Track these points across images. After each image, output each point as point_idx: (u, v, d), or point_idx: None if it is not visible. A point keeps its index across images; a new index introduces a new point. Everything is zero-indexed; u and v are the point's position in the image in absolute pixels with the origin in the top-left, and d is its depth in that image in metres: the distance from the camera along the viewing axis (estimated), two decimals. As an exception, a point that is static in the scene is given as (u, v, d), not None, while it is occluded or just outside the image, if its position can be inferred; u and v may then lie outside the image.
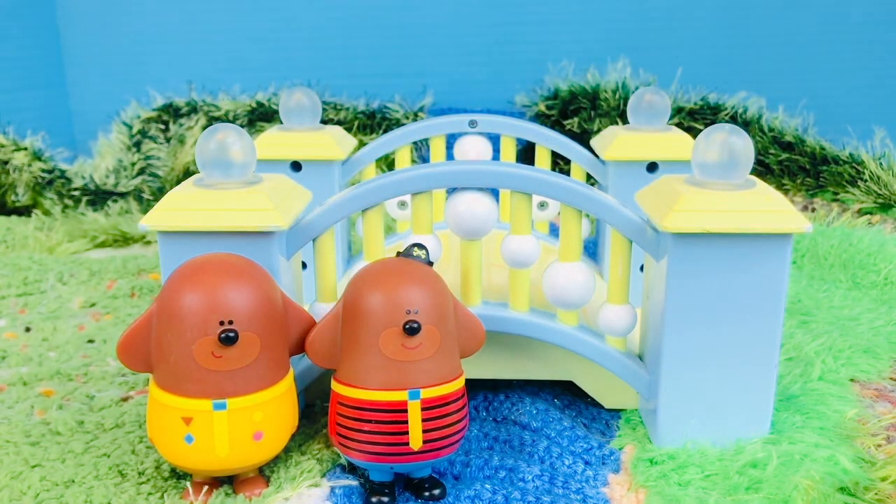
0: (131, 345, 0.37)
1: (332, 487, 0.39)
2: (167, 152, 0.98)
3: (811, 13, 1.06)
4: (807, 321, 0.60)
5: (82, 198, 0.93)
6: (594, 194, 0.43)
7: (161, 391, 0.37)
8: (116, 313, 0.64)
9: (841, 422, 0.45)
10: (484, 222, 0.43)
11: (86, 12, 1.07)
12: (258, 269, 0.38)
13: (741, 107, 0.98)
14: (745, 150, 0.41)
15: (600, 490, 0.40)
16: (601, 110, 0.97)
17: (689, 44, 1.06)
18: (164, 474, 0.41)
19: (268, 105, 1.00)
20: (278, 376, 0.38)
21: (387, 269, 0.38)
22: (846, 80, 1.08)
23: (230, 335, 0.36)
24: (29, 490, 0.39)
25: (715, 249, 0.40)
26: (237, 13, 1.07)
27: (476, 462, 0.42)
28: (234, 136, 0.41)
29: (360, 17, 1.05)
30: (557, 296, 0.44)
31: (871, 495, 0.38)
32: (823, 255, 0.72)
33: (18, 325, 0.61)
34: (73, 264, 0.73)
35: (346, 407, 0.38)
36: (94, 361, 0.55)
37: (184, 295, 0.36)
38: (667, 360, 0.42)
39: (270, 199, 0.40)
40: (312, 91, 0.60)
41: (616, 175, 0.58)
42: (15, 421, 0.46)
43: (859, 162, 0.93)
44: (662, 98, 0.58)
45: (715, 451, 0.42)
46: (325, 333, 0.39)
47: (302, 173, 0.58)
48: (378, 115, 1.01)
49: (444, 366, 0.38)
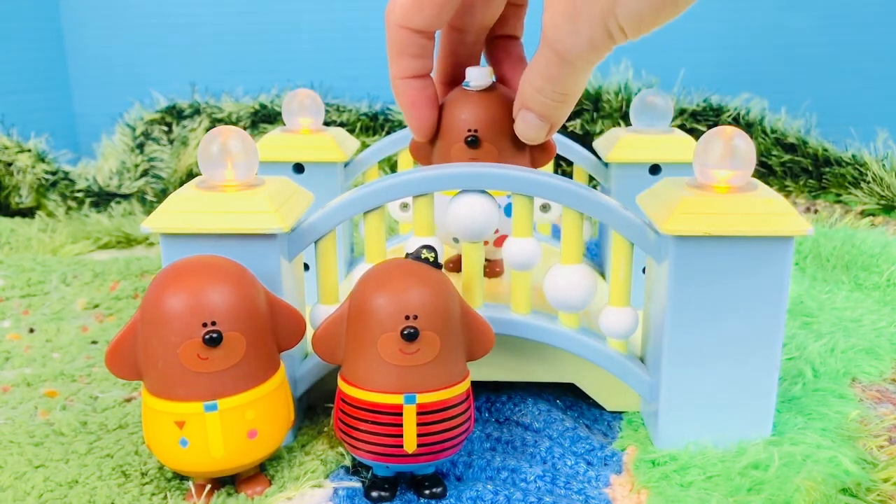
0: (119, 354, 0.37)
1: (336, 488, 0.40)
2: (170, 154, 0.98)
3: (814, 15, 1.06)
4: (809, 322, 0.60)
5: (86, 199, 0.93)
6: (595, 197, 0.43)
7: (152, 397, 0.37)
8: (120, 315, 0.64)
9: (843, 423, 0.45)
10: (485, 224, 0.43)
11: (89, 14, 1.07)
12: (238, 268, 0.38)
13: (744, 108, 0.98)
14: (747, 154, 0.41)
15: (602, 491, 0.40)
16: (603, 112, 0.97)
17: (691, 45, 1.06)
18: (167, 475, 0.41)
19: (270, 107, 1.00)
20: (268, 373, 0.38)
21: (391, 272, 0.38)
22: (849, 81, 1.08)
23: (214, 336, 0.36)
24: (33, 490, 0.39)
25: (716, 252, 0.40)
26: (240, 15, 1.07)
27: (478, 463, 0.42)
28: (236, 138, 0.41)
29: (362, 19, 1.06)
30: (559, 298, 0.44)
31: (873, 496, 0.38)
32: (826, 256, 0.72)
33: (22, 326, 0.61)
34: (77, 266, 0.73)
35: (348, 404, 0.38)
36: (97, 362, 0.55)
37: (165, 300, 0.36)
38: (668, 363, 0.42)
39: (272, 201, 0.41)
40: (315, 93, 0.60)
41: (618, 177, 0.58)
42: (19, 421, 0.46)
43: (862, 163, 0.93)
44: (665, 100, 0.59)
45: (717, 452, 0.42)
46: (332, 330, 0.39)
47: (304, 175, 0.58)
48: (381, 116, 1.01)
49: (443, 371, 0.38)
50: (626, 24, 0.36)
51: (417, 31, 0.43)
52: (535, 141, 0.45)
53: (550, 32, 0.38)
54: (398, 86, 0.45)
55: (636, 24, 0.36)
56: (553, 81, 0.40)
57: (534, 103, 0.42)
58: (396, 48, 0.44)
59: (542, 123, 0.43)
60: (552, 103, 0.42)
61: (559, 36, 0.38)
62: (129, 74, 1.08)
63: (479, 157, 0.45)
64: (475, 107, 0.46)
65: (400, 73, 0.44)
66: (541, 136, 0.44)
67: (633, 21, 0.35)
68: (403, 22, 0.42)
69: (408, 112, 0.46)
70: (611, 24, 0.36)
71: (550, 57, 0.39)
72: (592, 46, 0.37)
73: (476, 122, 0.45)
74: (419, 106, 0.45)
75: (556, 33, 0.38)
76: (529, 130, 0.44)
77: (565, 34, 0.38)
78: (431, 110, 0.46)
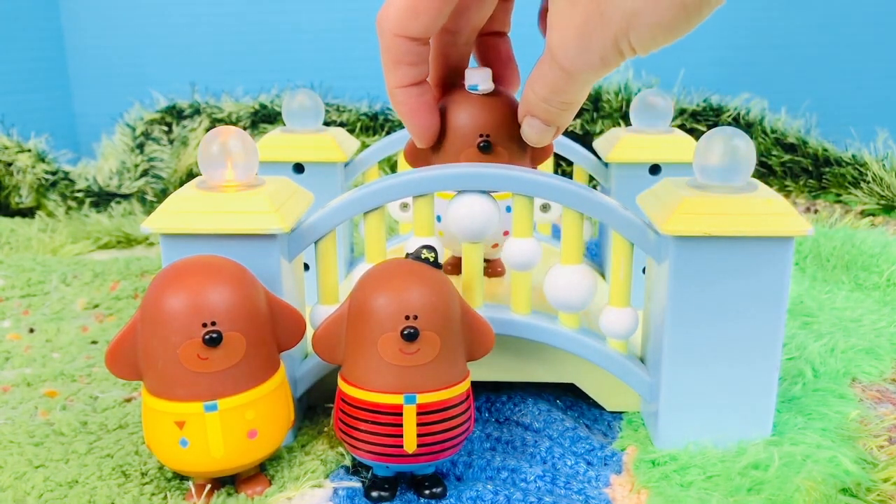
0: (119, 354, 0.37)
1: (336, 488, 0.40)
2: (170, 154, 0.98)
3: (814, 14, 1.06)
4: (809, 322, 0.60)
5: (86, 199, 0.93)
6: (595, 197, 0.43)
7: (152, 397, 0.37)
8: (120, 315, 0.64)
9: (843, 423, 0.45)
10: (484, 224, 0.43)
11: (89, 15, 1.07)
12: (238, 268, 0.38)
13: (744, 108, 0.98)
14: (747, 154, 0.41)
15: (602, 491, 0.40)
16: (603, 112, 0.97)
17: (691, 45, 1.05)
18: (167, 475, 0.41)
19: (271, 107, 1.00)
20: (268, 373, 0.38)
21: (391, 272, 0.38)
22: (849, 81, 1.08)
23: (214, 336, 0.36)
24: (33, 490, 0.39)
25: (716, 252, 0.40)
26: (240, 15, 1.07)
27: (478, 463, 0.42)
28: (236, 138, 0.41)
29: (362, 19, 1.06)
30: (559, 298, 0.44)
31: (873, 496, 0.38)
32: (826, 256, 0.72)
33: (22, 326, 0.61)
34: (77, 266, 0.73)
35: (348, 404, 0.38)
36: (97, 362, 0.55)
37: (165, 300, 0.36)
38: (668, 363, 0.42)
39: (272, 201, 0.41)
40: (315, 93, 0.60)
41: (619, 177, 0.58)
42: (19, 421, 0.46)
43: (862, 163, 0.93)
44: (665, 100, 0.59)
45: (717, 452, 0.42)
46: (332, 330, 0.39)
47: (304, 175, 0.58)
48: (381, 116, 1.01)
49: (443, 371, 0.38)
50: (639, 43, 0.36)
51: (413, 38, 0.42)
52: (542, 144, 0.45)
53: (560, 52, 0.38)
54: (396, 95, 0.44)
55: (648, 44, 0.36)
56: (559, 93, 0.41)
57: (539, 111, 0.42)
58: (392, 57, 0.42)
59: (549, 128, 0.43)
60: (557, 111, 0.42)
61: (569, 55, 0.38)
62: (129, 74, 1.08)
63: (492, 162, 0.45)
64: (486, 111, 0.45)
65: (397, 83, 0.43)
66: (547, 139, 0.44)
67: (645, 41, 0.36)
68: (399, 30, 0.41)
69: (408, 121, 0.45)
70: (623, 44, 0.36)
71: (558, 72, 0.39)
72: (603, 63, 0.38)
73: (487, 126, 0.45)
74: (420, 114, 0.45)
75: (565, 52, 0.38)
76: (536, 135, 0.44)
77: (575, 54, 0.38)
78: (432, 116, 0.45)
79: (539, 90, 0.41)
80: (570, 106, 0.42)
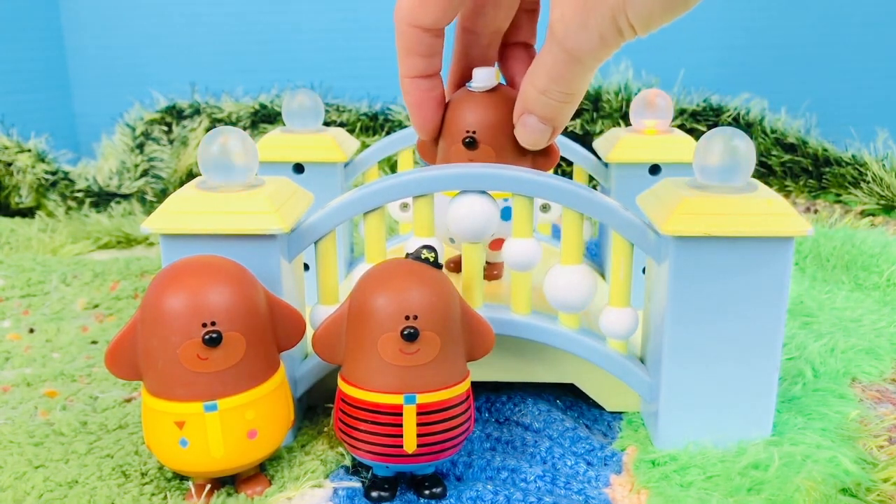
0: (119, 354, 0.37)
1: (336, 488, 0.40)
2: (170, 154, 0.98)
3: (814, 14, 1.06)
4: (809, 322, 0.60)
5: (86, 199, 0.93)
6: (595, 197, 0.43)
7: (152, 397, 0.37)
8: (120, 315, 0.64)
9: (843, 423, 0.45)
10: (484, 225, 0.43)
11: (89, 15, 1.07)
12: (238, 268, 0.38)
13: (744, 108, 0.98)
14: (747, 154, 0.41)
15: (602, 491, 0.40)
16: (603, 112, 0.97)
17: (691, 45, 1.06)
18: (167, 475, 0.41)
19: (271, 107, 1.00)
20: (267, 373, 0.38)
21: (391, 272, 0.38)
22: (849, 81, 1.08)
23: (214, 336, 0.36)
24: (33, 490, 0.39)
25: (716, 253, 0.40)
26: (240, 15, 1.07)
27: (478, 463, 0.42)
28: (235, 138, 0.41)
29: (362, 19, 1.05)
30: (559, 298, 0.44)
31: (873, 496, 0.38)
32: (826, 256, 0.72)
33: (22, 326, 0.61)
34: (77, 266, 0.73)
35: (348, 404, 0.38)
36: (97, 362, 0.55)
37: (165, 300, 0.36)
38: (668, 363, 0.42)
39: (272, 202, 0.41)
40: (315, 93, 0.60)
41: (619, 177, 0.58)
42: (19, 422, 0.46)
43: (862, 164, 0.93)
44: (665, 100, 0.59)
45: (717, 452, 0.42)
46: (332, 330, 0.39)
47: (304, 175, 0.58)
48: (381, 116, 1.01)
49: (443, 371, 0.38)
50: (636, 20, 0.36)
51: (425, 29, 0.43)
52: (537, 146, 0.45)
53: (559, 29, 0.38)
54: (405, 84, 0.45)
55: (646, 21, 0.36)
56: (559, 81, 0.40)
57: (537, 105, 0.42)
58: (405, 47, 0.44)
59: (545, 127, 0.43)
60: (557, 104, 0.42)
61: (569, 32, 0.38)
62: (129, 74, 1.08)
63: (476, 159, 0.45)
64: (475, 108, 0.46)
65: (407, 72, 0.45)
66: (543, 140, 0.44)
67: (643, 18, 0.36)
68: (411, 20, 0.43)
69: (413, 111, 0.46)
70: (621, 20, 0.36)
71: (558, 55, 0.39)
72: (602, 43, 0.38)
73: (474, 123, 0.45)
74: (424, 107, 0.45)
75: (565, 29, 0.38)
76: (531, 135, 0.44)
77: (575, 30, 0.38)
78: (436, 111, 0.46)
79: (538, 81, 0.41)
80: (570, 98, 0.41)
